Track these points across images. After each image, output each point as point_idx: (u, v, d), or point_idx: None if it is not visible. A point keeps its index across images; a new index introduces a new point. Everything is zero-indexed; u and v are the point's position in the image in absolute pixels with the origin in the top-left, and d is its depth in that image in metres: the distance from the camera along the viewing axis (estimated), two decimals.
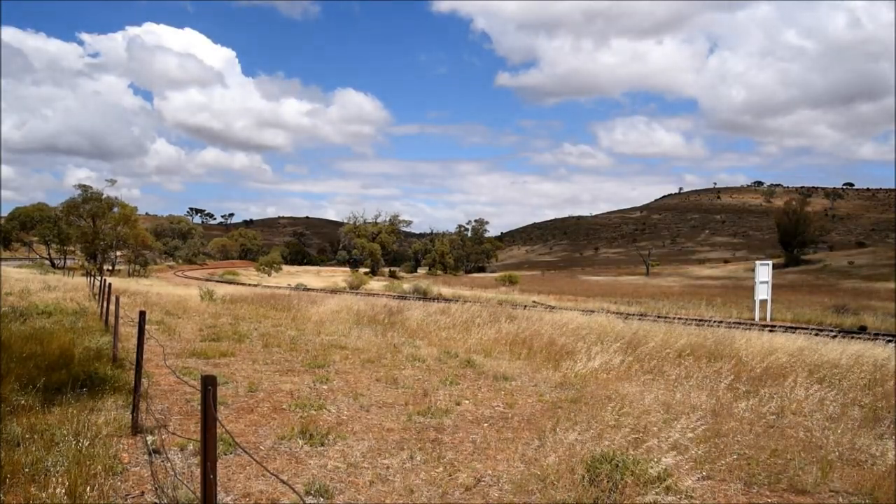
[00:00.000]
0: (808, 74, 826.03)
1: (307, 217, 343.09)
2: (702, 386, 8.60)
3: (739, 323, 21.45)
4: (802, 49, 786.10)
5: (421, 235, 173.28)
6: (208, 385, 3.14)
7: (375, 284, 62.26)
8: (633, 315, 22.99)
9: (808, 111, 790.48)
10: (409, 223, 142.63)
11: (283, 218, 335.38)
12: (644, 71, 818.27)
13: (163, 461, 5.10)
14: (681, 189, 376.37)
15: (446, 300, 26.80)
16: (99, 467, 4.74)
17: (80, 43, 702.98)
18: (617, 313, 22.18)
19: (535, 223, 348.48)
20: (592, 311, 21.02)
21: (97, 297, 17.93)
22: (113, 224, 65.94)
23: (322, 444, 5.68)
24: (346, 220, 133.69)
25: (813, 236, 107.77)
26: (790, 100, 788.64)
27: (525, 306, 25.24)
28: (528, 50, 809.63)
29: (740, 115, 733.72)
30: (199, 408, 3.79)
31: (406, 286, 49.27)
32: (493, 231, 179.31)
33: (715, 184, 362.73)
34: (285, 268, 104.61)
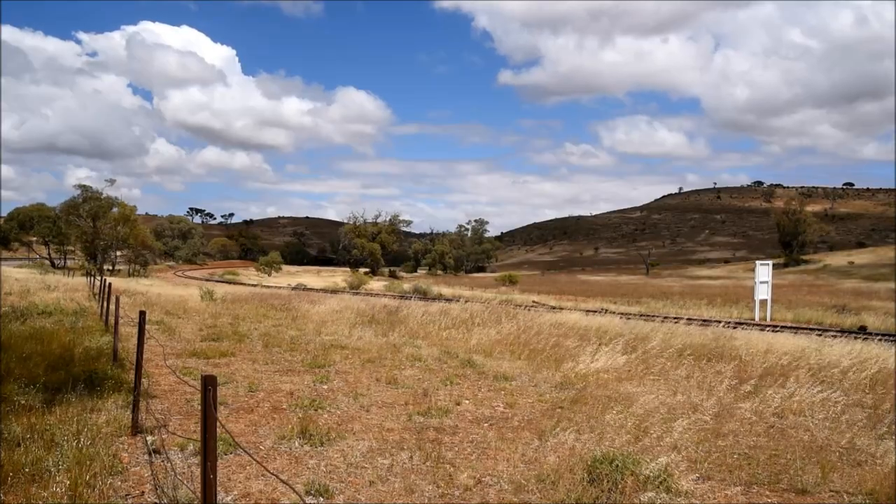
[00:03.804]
0: (812, 73, 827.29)
1: (307, 217, 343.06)
2: (702, 386, 8.60)
3: (740, 323, 21.44)
4: (806, 48, 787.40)
5: (421, 235, 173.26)
6: (208, 385, 3.14)
7: (375, 284, 62.22)
8: (634, 315, 22.97)
9: (811, 110, 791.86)
10: (409, 223, 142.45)
11: (283, 218, 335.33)
12: (648, 69, 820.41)
13: (163, 461, 5.09)
14: (681, 189, 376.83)
15: (446, 300, 26.78)
16: (99, 467, 4.74)
17: (78, 42, 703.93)
18: (617, 313, 22.16)
19: (535, 223, 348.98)
20: (592, 312, 21.02)
21: (97, 297, 17.92)
22: (113, 224, 65.84)
23: (322, 444, 5.67)
24: (346, 220, 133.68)
25: (813, 236, 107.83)
26: (794, 98, 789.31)
27: (525, 306, 25.23)
28: (530, 48, 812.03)
29: (743, 115, 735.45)
30: (199, 408, 3.78)
31: (406, 286, 49.25)
32: (493, 231, 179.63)
33: (715, 184, 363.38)
34: (285, 268, 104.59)
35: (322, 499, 4.53)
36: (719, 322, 19.10)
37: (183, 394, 7.37)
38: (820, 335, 16.10)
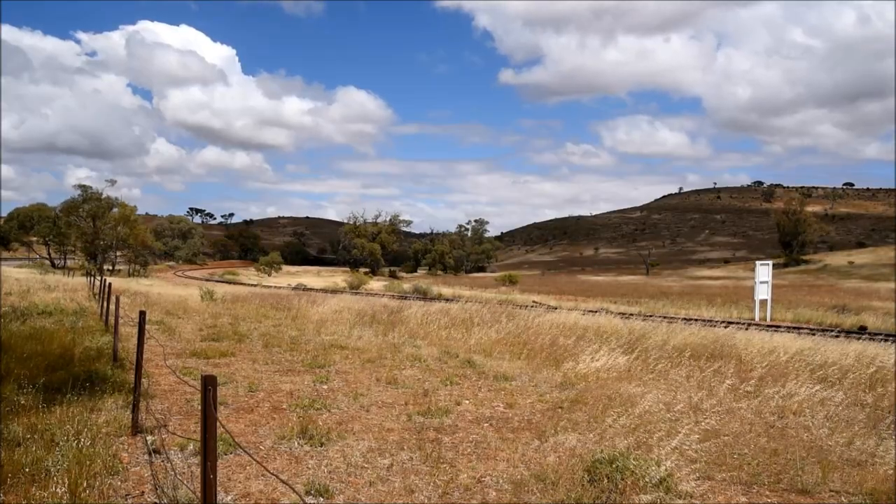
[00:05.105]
0: (814, 73, 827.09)
1: (307, 217, 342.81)
2: (703, 386, 8.59)
3: (740, 323, 21.43)
4: (808, 47, 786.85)
5: (421, 235, 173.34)
6: (208, 385, 3.14)
7: (375, 284, 62.24)
8: (634, 315, 22.97)
9: (813, 110, 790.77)
10: (409, 223, 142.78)
11: (283, 218, 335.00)
12: (649, 69, 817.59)
13: (163, 461, 5.09)
14: (681, 189, 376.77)
15: (446, 300, 26.78)
16: (99, 467, 4.74)
17: (77, 41, 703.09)
18: (617, 313, 22.16)
19: (535, 223, 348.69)
20: (593, 311, 21.02)
21: (97, 297, 17.92)
22: (113, 224, 65.88)
23: (322, 444, 5.67)
24: (346, 220, 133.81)
25: (813, 236, 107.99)
26: (795, 98, 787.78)
27: (525, 306, 25.23)
28: (532, 47, 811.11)
29: (745, 114, 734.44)
30: (199, 408, 3.78)
31: (406, 286, 49.26)
32: (493, 231, 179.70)
33: (715, 184, 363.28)
34: (285, 268, 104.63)
35: (322, 499, 4.53)
36: (719, 322, 19.09)
37: (183, 394, 7.37)
38: (820, 335, 16.10)
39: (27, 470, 4.61)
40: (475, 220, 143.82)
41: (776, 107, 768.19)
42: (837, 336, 15.76)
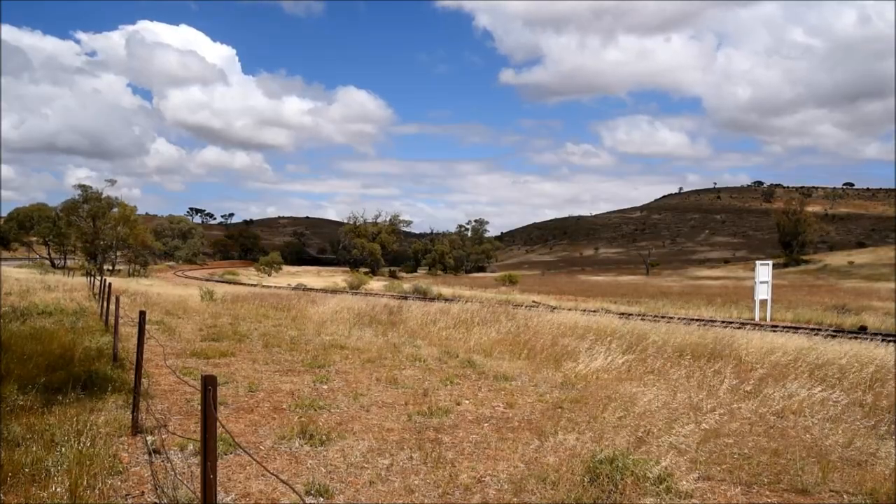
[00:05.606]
0: (814, 73, 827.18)
1: (307, 217, 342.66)
2: (702, 386, 8.60)
3: (740, 323, 21.43)
4: (808, 47, 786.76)
5: (421, 235, 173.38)
6: (208, 385, 3.14)
7: (375, 284, 62.24)
8: (634, 315, 22.97)
9: (813, 110, 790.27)
10: (409, 223, 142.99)
11: (283, 218, 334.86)
12: (650, 69, 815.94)
13: (163, 461, 5.10)
14: (681, 189, 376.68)
15: (446, 300, 26.78)
16: (99, 467, 4.74)
17: (77, 41, 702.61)
18: (617, 313, 22.17)
19: (535, 223, 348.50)
20: (592, 311, 21.03)
21: (97, 297, 17.92)
22: (113, 224, 65.92)
23: (322, 444, 5.67)
24: (346, 220, 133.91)
25: (813, 236, 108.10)
26: (796, 98, 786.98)
27: (525, 306, 25.23)
28: (532, 47, 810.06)
29: (745, 114, 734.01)
30: (199, 408, 3.78)
31: (406, 286, 49.27)
32: (493, 231, 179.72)
33: (715, 184, 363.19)
34: (285, 268, 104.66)
35: (322, 499, 4.53)
36: (719, 322, 19.10)
37: (183, 394, 7.37)
38: (820, 335, 16.10)
39: (27, 470, 4.61)
40: (475, 220, 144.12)
41: (776, 107, 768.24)
42: (837, 336, 15.77)
